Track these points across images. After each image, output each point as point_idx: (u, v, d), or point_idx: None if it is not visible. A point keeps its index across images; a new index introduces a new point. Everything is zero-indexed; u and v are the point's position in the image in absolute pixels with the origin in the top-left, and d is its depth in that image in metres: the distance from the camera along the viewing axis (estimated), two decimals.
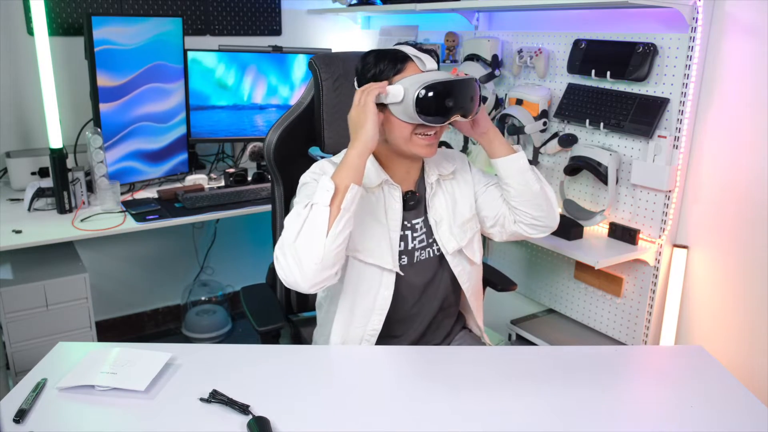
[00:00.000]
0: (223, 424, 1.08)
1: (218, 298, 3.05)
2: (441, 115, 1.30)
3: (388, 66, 1.33)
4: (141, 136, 2.44)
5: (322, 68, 1.63)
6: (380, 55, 1.35)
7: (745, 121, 1.78)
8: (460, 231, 1.46)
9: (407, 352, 1.37)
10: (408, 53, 1.34)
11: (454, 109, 1.31)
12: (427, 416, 1.12)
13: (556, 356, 1.36)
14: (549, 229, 1.48)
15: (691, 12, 1.77)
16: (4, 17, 2.42)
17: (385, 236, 1.39)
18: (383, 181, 1.40)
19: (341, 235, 1.21)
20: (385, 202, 1.40)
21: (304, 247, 1.19)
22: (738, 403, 1.18)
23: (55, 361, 1.27)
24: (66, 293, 2.08)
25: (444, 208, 1.46)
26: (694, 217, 1.94)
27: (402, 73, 1.33)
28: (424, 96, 1.27)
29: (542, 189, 1.44)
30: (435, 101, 1.28)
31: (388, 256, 1.38)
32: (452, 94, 1.30)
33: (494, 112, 2.45)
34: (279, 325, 1.52)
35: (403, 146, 1.36)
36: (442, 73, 1.33)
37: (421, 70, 1.32)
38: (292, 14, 3.08)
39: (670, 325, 2.00)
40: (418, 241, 1.44)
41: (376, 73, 1.34)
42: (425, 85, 1.27)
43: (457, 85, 1.31)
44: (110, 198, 2.21)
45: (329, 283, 1.24)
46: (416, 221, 1.45)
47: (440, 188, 1.48)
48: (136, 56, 2.35)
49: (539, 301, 2.45)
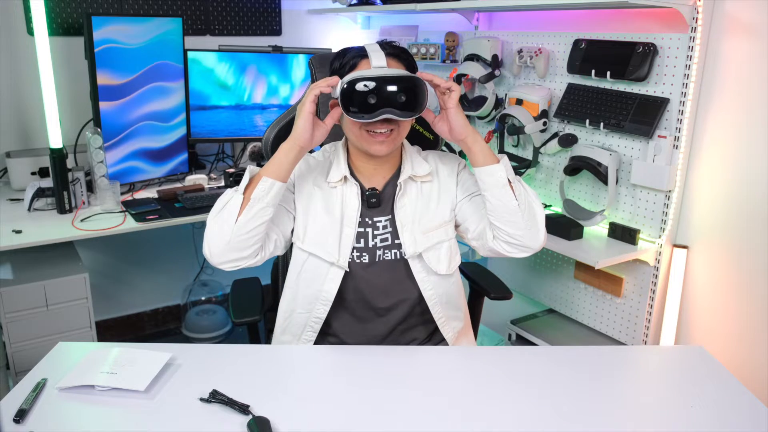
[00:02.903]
0: (223, 424, 1.08)
1: (218, 298, 3.05)
2: (365, 112, 1.25)
3: (345, 61, 1.32)
4: (143, 135, 2.44)
5: (318, 68, 1.64)
6: (343, 52, 1.35)
7: (745, 121, 1.78)
8: (422, 236, 1.40)
9: (407, 352, 1.37)
10: (367, 50, 1.31)
11: (379, 106, 1.24)
12: (427, 416, 1.12)
13: (556, 356, 1.36)
14: (529, 250, 1.34)
15: (691, 12, 1.77)
16: (4, 17, 2.42)
17: (335, 230, 1.38)
18: (343, 177, 1.39)
19: (251, 223, 1.25)
20: (343, 197, 1.40)
21: (215, 227, 1.28)
22: (738, 403, 1.18)
23: (55, 361, 1.27)
24: (66, 293, 2.08)
25: (411, 211, 1.41)
26: (694, 217, 1.94)
27: (355, 69, 1.31)
28: (345, 90, 1.25)
29: (521, 206, 1.31)
30: (357, 96, 1.24)
31: (334, 250, 1.37)
32: (375, 90, 1.24)
33: (494, 112, 2.45)
34: (254, 319, 1.55)
35: (356, 142, 1.36)
36: (387, 71, 1.28)
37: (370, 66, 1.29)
38: (292, 14, 3.08)
39: (670, 325, 2.00)
40: (380, 240, 1.41)
41: (335, 69, 1.34)
42: (347, 80, 1.25)
43: (379, 81, 1.24)
44: (110, 198, 2.21)
45: (245, 264, 1.31)
46: (378, 219, 1.41)
47: (411, 189, 1.42)
48: (137, 56, 2.35)
49: (539, 301, 2.45)
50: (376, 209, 1.41)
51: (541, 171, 2.36)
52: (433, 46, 2.67)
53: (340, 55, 1.35)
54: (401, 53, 1.34)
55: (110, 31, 2.23)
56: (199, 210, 2.24)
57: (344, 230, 1.38)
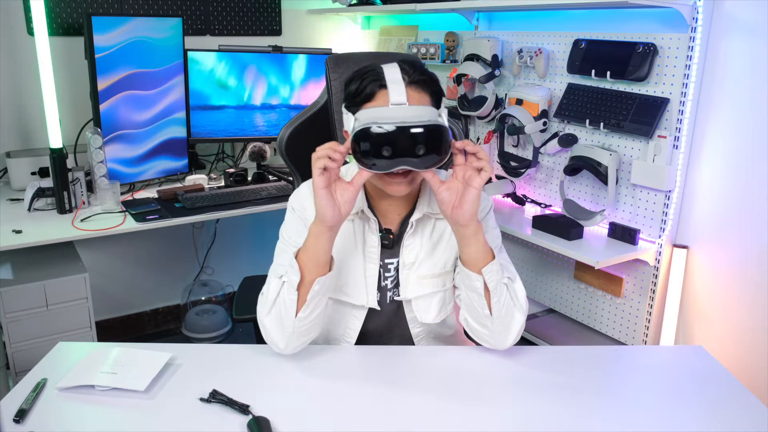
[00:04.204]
0: (223, 424, 1.08)
1: (218, 298, 3.05)
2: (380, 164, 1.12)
3: (362, 88, 1.18)
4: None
5: (332, 68, 1.64)
6: (362, 73, 1.20)
7: (745, 121, 1.78)
8: (417, 281, 1.32)
9: (408, 352, 1.36)
10: (386, 79, 1.15)
11: (395, 156, 1.11)
12: (427, 416, 1.12)
13: (556, 356, 1.36)
14: (493, 348, 1.27)
15: (691, 12, 1.77)
16: (4, 17, 2.42)
17: (360, 269, 1.31)
18: (360, 211, 1.30)
19: (312, 314, 1.21)
20: (363, 231, 1.32)
21: (273, 324, 1.22)
22: (738, 403, 1.18)
23: (55, 361, 1.27)
24: (66, 293, 2.08)
25: (416, 252, 1.32)
26: (694, 217, 1.94)
27: (371, 102, 1.17)
28: (358, 138, 1.11)
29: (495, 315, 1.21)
30: (370, 146, 1.11)
31: (361, 292, 1.31)
32: (391, 142, 1.10)
33: (494, 112, 2.45)
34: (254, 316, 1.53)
35: (374, 180, 1.24)
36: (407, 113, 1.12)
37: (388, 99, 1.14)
38: (292, 14, 3.08)
39: (670, 325, 2.00)
40: (390, 281, 1.34)
41: (350, 93, 1.20)
42: (360, 128, 1.12)
43: (396, 131, 1.10)
44: (110, 198, 2.21)
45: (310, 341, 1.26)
46: (390, 261, 1.33)
47: (423, 227, 1.32)
48: (137, 56, 2.35)
49: (539, 301, 2.45)
50: (388, 251, 1.33)
51: (541, 171, 2.36)
52: (433, 46, 2.67)
53: (357, 76, 1.20)
54: (425, 80, 1.18)
55: (108, 33, 2.22)
56: (199, 210, 2.24)
57: (368, 266, 1.32)
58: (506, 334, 1.24)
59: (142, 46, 2.36)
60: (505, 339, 1.25)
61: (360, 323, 1.35)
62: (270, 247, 1.39)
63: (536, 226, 2.13)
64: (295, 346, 1.24)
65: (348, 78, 1.23)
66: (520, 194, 2.43)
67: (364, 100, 1.18)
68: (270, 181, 2.62)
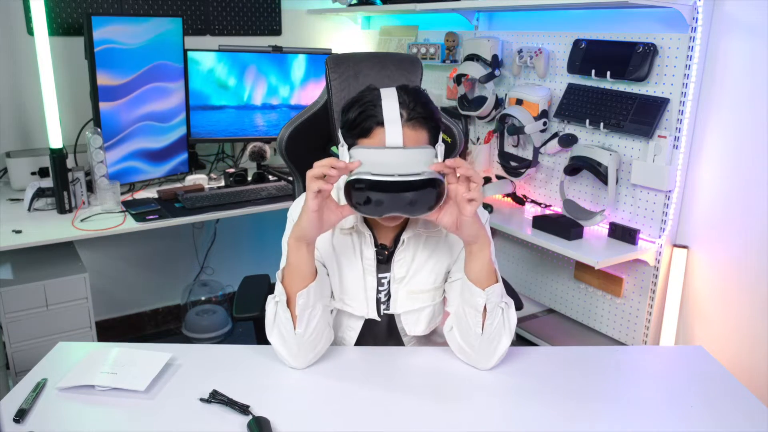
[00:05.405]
0: (223, 424, 1.08)
1: (218, 298, 3.05)
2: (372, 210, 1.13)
3: (359, 122, 1.16)
4: (142, 135, 2.44)
5: (332, 68, 1.63)
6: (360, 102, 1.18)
7: (745, 121, 1.78)
8: (407, 296, 1.33)
9: (407, 353, 1.36)
10: (384, 117, 1.13)
11: (387, 208, 1.12)
12: (427, 416, 1.12)
13: (556, 356, 1.36)
14: (473, 366, 1.27)
15: (691, 12, 1.77)
16: (4, 17, 2.42)
17: (360, 280, 1.33)
18: (356, 224, 1.31)
19: (310, 326, 1.22)
20: (361, 245, 1.33)
21: (279, 342, 1.24)
22: (738, 403, 1.18)
23: (55, 361, 1.27)
24: (66, 293, 2.08)
25: (406, 267, 1.33)
26: (694, 217, 1.94)
27: (368, 138, 1.16)
28: (350, 185, 1.12)
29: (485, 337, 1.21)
30: (362, 194, 1.11)
31: (362, 304, 1.34)
32: (383, 193, 1.11)
33: (494, 112, 2.45)
34: (254, 315, 1.55)
35: None
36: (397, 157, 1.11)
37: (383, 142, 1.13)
38: (292, 14, 3.08)
39: (670, 325, 2.00)
40: (383, 294, 1.36)
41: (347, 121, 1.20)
42: (352, 179, 1.11)
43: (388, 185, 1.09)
44: (110, 198, 2.21)
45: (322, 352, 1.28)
46: (383, 275, 1.34)
47: (415, 243, 1.33)
48: (137, 56, 2.35)
49: (539, 301, 2.45)
50: (383, 265, 1.35)
51: (541, 171, 2.36)
52: (433, 46, 2.67)
53: (355, 103, 1.19)
54: (425, 116, 1.16)
55: (108, 32, 2.23)
56: (199, 210, 2.24)
57: (367, 278, 1.33)
58: (489, 356, 1.25)
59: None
60: (488, 360, 1.25)
61: (356, 334, 1.38)
62: (270, 247, 1.39)
63: (536, 226, 2.13)
64: (307, 360, 1.26)
65: (347, 103, 1.22)
66: (520, 194, 2.43)
67: (360, 135, 1.17)
68: (270, 181, 2.62)
